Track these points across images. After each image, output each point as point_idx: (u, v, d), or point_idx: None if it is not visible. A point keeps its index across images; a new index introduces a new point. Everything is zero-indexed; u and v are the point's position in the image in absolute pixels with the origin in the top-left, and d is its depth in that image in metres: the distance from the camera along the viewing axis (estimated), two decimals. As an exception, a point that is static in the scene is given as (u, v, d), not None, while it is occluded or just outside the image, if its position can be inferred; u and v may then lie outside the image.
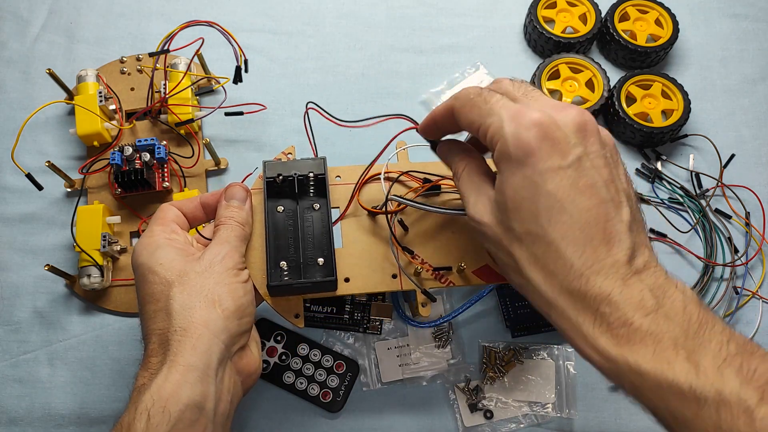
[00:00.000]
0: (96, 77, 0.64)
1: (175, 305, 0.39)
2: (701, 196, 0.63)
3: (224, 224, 0.45)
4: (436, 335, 0.57)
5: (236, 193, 0.47)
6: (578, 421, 0.55)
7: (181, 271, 0.41)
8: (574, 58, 0.66)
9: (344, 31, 0.72)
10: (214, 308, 0.40)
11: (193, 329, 0.38)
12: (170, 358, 0.37)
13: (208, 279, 0.41)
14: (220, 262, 0.42)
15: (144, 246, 0.43)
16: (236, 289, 0.42)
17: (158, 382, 0.36)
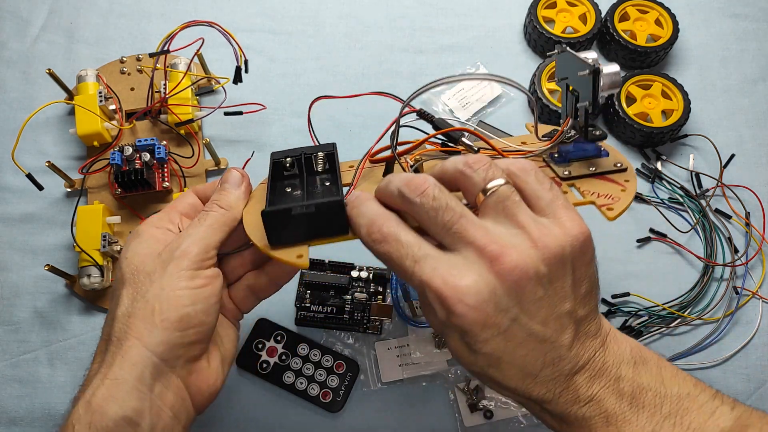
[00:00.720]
0: (96, 77, 0.64)
1: (119, 310, 0.37)
2: (701, 196, 0.63)
3: (204, 209, 0.42)
4: (436, 335, 0.57)
5: (229, 177, 0.43)
6: (578, 421, 0.55)
7: (138, 271, 0.38)
8: (574, 58, 0.66)
9: (344, 31, 0.72)
10: (151, 317, 0.36)
11: (126, 340, 0.36)
12: (102, 369, 0.36)
13: (155, 281, 0.38)
14: (175, 260, 0.38)
15: (131, 235, 0.42)
16: (182, 297, 0.37)
17: (86, 395, 0.35)
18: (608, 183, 0.42)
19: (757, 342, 0.58)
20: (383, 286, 0.58)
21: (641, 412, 0.34)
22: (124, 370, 0.35)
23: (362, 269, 0.58)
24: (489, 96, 0.67)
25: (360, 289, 0.58)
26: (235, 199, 0.42)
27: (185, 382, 0.38)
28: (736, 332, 0.58)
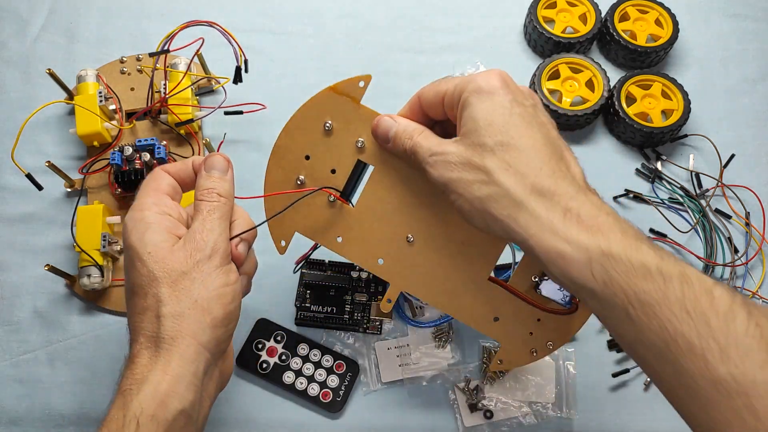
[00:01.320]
0: (96, 77, 0.64)
1: (164, 310, 0.39)
2: (701, 196, 0.63)
3: (205, 200, 0.43)
4: (436, 335, 0.57)
5: (216, 163, 0.45)
6: (578, 421, 0.55)
7: (170, 269, 0.39)
8: (574, 58, 0.66)
9: (344, 31, 0.72)
10: (203, 317, 0.39)
11: (182, 339, 0.38)
12: (159, 365, 0.38)
13: (195, 281, 0.40)
14: (207, 261, 0.40)
15: (134, 222, 0.41)
16: (225, 294, 0.40)
17: (147, 391, 0.37)
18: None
19: (757, 342, 0.58)
20: (383, 286, 0.58)
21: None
22: (183, 367, 0.38)
23: (362, 269, 0.58)
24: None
25: (360, 289, 0.58)
26: (228, 186, 0.44)
27: (219, 370, 0.42)
28: (736, 332, 0.58)
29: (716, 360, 0.31)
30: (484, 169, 0.38)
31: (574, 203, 0.36)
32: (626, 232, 0.35)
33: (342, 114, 0.48)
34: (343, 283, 0.58)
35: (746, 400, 0.30)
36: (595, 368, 0.56)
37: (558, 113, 0.63)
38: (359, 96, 0.47)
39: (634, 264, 0.33)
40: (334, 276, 0.58)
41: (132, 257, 0.41)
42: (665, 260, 0.33)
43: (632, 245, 0.34)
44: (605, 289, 0.34)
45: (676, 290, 0.32)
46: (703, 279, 0.32)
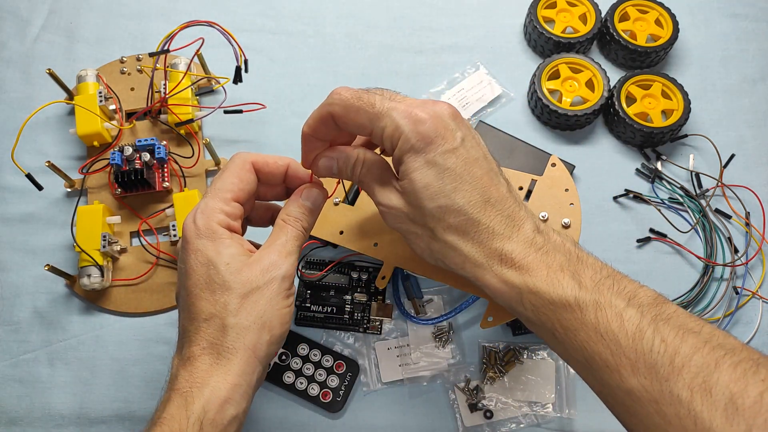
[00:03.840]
0: (96, 77, 0.64)
1: (231, 321, 0.40)
2: (701, 196, 0.63)
3: (291, 226, 0.44)
4: (436, 335, 0.57)
5: (314, 197, 0.45)
6: (578, 421, 0.55)
7: (244, 281, 0.41)
8: (574, 58, 0.66)
9: (344, 31, 0.72)
10: (264, 333, 0.41)
11: (243, 350, 0.40)
12: (221, 372, 0.40)
13: (263, 297, 0.41)
14: (279, 281, 0.42)
15: (208, 231, 0.42)
16: (285, 315, 0.42)
17: (208, 395, 0.39)
18: None
19: (757, 342, 0.58)
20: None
21: (587, 269, 0.40)
22: (241, 377, 0.40)
23: (362, 269, 0.58)
24: (489, 96, 0.67)
25: (360, 289, 0.58)
26: (312, 223, 0.46)
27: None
28: (736, 332, 0.58)
29: (628, 374, 0.35)
30: (428, 228, 0.41)
31: (509, 246, 0.40)
32: (551, 266, 0.39)
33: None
34: (343, 283, 0.58)
35: (656, 406, 0.34)
36: (595, 368, 0.56)
37: (558, 113, 0.63)
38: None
39: (555, 298, 0.38)
40: (334, 276, 0.58)
41: (204, 264, 0.41)
42: (582, 291, 0.38)
43: (554, 281, 0.39)
44: (535, 317, 0.39)
45: (591, 317, 0.37)
46: (614, 304, 0.37)
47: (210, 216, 0.42)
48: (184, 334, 0.42)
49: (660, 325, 0.36)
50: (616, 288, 0.38)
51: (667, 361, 0.34)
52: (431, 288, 0.58)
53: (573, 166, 0.62)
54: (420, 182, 0.40)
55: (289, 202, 0.45)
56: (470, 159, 0.40)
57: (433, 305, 0.58)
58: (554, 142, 0.66)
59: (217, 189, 0.43)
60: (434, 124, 0.40)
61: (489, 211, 0.40)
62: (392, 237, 0.54)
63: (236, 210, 0.44)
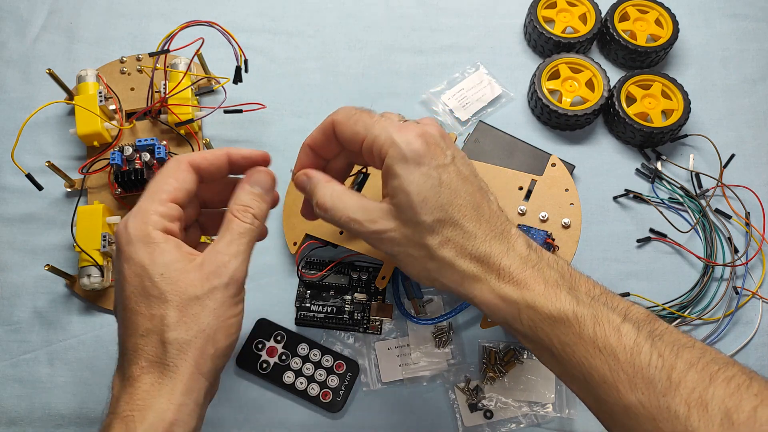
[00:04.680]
0: (96, 77, 0.64)
1: (170, 335, 0.37)
2: (701, 196, 0.63)
3: (239, 218, 0.41)
4: (436, 335, 0.57)
5: (262, 180, 0.43)
6: (578, 421, 0.55)
7: (181, 291, 0.38)
8: (574, 58, 0.66)
9: (344, 31, 0.72)
10: (208, 347, 0.38)
11: (186, 368, 0.37)
12: (164, 393, 0.37)
13: (206, 309, 0.38)
14: (223, 288, 0.39)
15: (140, 237, 0.39)
16: (231, 326, 0.40)
17: (151, 420, 0.36)
18: None
19: (757, 342, 0.58)
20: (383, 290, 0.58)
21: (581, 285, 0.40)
22: (186, 396, 0.38)
23: (362, 269, 0.58)
24: (489, 96, 0.67)
25: (360, 289, 0.58)
26: (266, 210, 0.43)
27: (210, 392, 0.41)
28: (736, 332, 0.58)
29: (626, 389, 0.35)
30: (425, 246, 0.40)
31: (506, 261, 0.40)
32: (548, 281, 0.39)
33: None
34: (343, 283, 0.58)
35: (654, 424, 0.34)
36: (595, 368, 0.56)
37: (558, 113, 0.63)
38: None
39: (553, 313, 0.38)
40: (334, 276, 0.58)
41: (139, 274, 0.38)
42: (579, 305, 0.38)
43: (552, 295, 0.38)
44: (533, 333, 0.39)
45: (589, 331, 0.37)
46: (612, 318, 0.37)
47: (143, 219, 0.39)
48: (123, 352, 0.39)
49: (656, 340, 0.36)
50: (610, 304, 0.38)
51: (665, 376, 0.34)
52: (431, 288, 0.58)
53: (573, 166, 0.62)
54: (416, 194, 0.39)
55: (237, 189, 0.43)
56: (462, 175, 0.41)
57: (433, 305, 0.58)
58: (554, 142, 0.66)
59: (151, 192, 0.40)
60: (426, 140, 0.40)
61: (483, 227, 0.40)
62: None
63: (173, 211, 0.40)
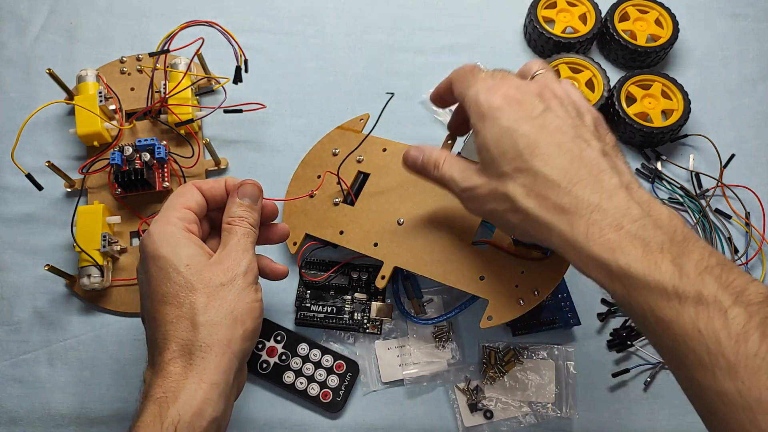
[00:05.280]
0: (96, 77, 0.64)
1: (201, 318, 0.40)
2: (701, 196, 0.63)
3: (238, 225, 0.45)
4: (436, 335, 0.57)
5: (249, 192, 0.46)
6: (578, 421, 0.55)
7: (207, 279, 0.41)
8: (574, 58, 0.66)
9: (344, 31, 0.72)
10: (236, 328, 0.41)
11: (217, 347, 0.39)
12: (195, 373, 0.39)
13: (231, 293, 0.41)
14: (243, 275, 0.42)
15: (163, 236, 0.42)
16: (255, 309, 0.43)
17: (184, 399, 0.38)
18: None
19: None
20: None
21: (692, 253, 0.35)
22: (217, 375, 0.39)
23: (362, 269, 0.58)
24: (489, 96, 0.67)
25: (360, 289, 0.58)
26: (257, 217, 0.47)
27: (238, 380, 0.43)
28: (736, 332, 0.58)
29: (724, 375, 0.32)
30: (508, 197, 0.40)
31: (597, 215, 0.36)
32: (648, 244, 0.35)
33: (346, 142, 0.61)
34: (343, 283, 0.58)
35: (751, 415, 0.31)
36: (595, 368, 0.56)
37: (558, 113, 0.63)
38: (360, 128, 0.62)
39: (651, 284, 0.34)
40: (334, 276, 0.58)
41: (164, 267, 0.41)
42: (683, 279, 0.34)
43: (651, 262, 0.34)
44: (625, 300, 0.36)
45: (690, 311, 0.33)
46: (720, 299, 0.33)
47: (164, 221, 0.43)
48: (153, 345, 0.41)
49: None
50: (723, 280, 0.34)
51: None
52: (431, 288, 0.58)
53: (573, 166, 0.62)
54: (495, 147, 0.40)
55: (228, 204, 0.47)
56: (550, 128, 0.40)
57: (433, 305, 0.58)
58: (554, 142, 0.66)
59: (167, 207, 0.45)
60: (508, 98, 0.41)
61: (571, 175, 0.38)
62: (392, 237, 0.54)
63: (189, 215, 0.45)
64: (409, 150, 0.49)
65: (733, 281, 0.34)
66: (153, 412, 0.37)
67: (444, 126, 0.66)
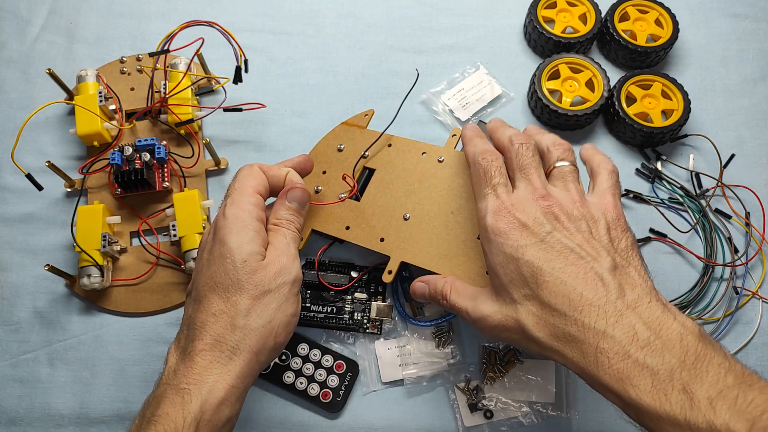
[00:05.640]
0: (96, 77, 0.64)
1: (241, 321, 0.41)
2: (701, 196, 0.63)
3: (286, 229, 0.46)
4: (436, 335, 0.57)
5: (298, 196, 0.48)
6: (578, 421, 0.55)
7: (257, 283, 0.42)
8: (574, 58, 0.66)
9: (344, 31, 0.72)
10: (270, 339, 0.42)
11: (247, 354, 0.40)
12: (220, 372, 0.40)
13: (274, 301, 0.42)
14: (290, 285, 0.43)
15: (236, 222, 0.43)
16: (291, 324, 0.43)
17: (205, 394, 0.39)
18: None
19: (757, 342, 0.58)
20: (383, 286, 0.58)
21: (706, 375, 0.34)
22: (239, 380, 0.40)
23: (363, 269, 0.58)
24: (489, 96, 0.67)
25: (360, 289, 0.58)
26: (303, 223, 0.49)
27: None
28: (736, 332, 0.58)
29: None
30: (520, 325, 0.40)
31: (604, 344, 0.36)
32: (658, 373, 0.34)
33: (351, 137, 0.61)
34: (343, 283, 0.58)
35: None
36: (595, 368, 0.56)
37: (558, 113, 0.63)
38: (365, 124, 0.62)
39: (661, 416, 0.33)
40: (334, 276, 0.58)
41: (224, 255, 0.42)
42: (694, 410, 0.32)
43: (661, 393, 0.33)
44: (640, 424, 0.35)
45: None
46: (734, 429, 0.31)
47: (240, 207, 0.44)
48: (190, 325, 0.42)
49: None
50: (740, 404, 0.32)
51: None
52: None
53: (573, 166, 0.62)
54: (503, 274, 0.41)
55: (276, 205, 0.47)
56: (555, 250, 0.40)
57: (433, 305, 0.58)
58: (554, 142, 0.66)
59: (238, 189, 0.45)
60: (514, 222, 0.41)
61: (575, 303, 0.37)
62: (399, 232, 0.55)
63: (260, 202, 0.46)
64: (414, 283, 0.51)
65: (751, 402, 0.32)
66: (175, 402, 0.38)
67: (444, 126, 0.66)
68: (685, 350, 0.34)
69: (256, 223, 0.44)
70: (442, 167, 0.56)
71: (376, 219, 0.56)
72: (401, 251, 0.54)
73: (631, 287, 0.38)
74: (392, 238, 0.54)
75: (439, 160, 0.57)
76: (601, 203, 0.44)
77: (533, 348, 0.41)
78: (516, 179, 0.45)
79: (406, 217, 0.55)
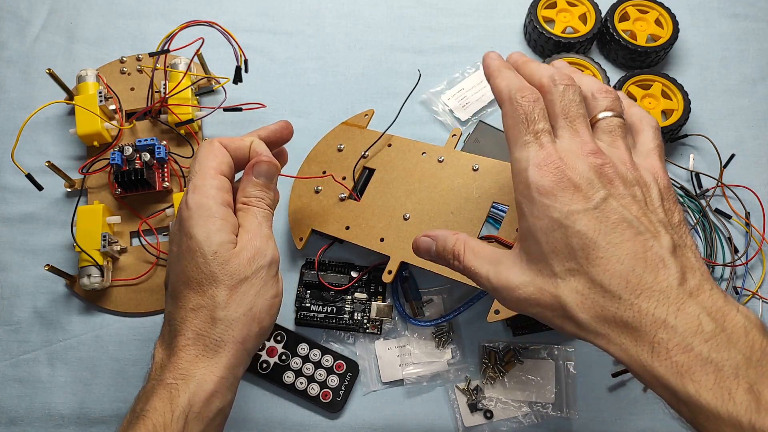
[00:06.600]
0: (96, 77, 0.64)
1: (220, 313, 0.40)
2: (701, 196, 0.63)
3: (256, 207, 0.43)
4: (436, 335, 0.57)
5: (265, 171, 0.44)
6: (578, 421, 0.55)
7: (232, 272, 0.40)
8: (574, 58, 0.66)
9: (344, 31, 0.72)
10: (254, 326, 0.41)
11: (232, 344, 0.40)
12: (206, 365, 0.39)
13: (253, 288, 0.41)
14: (266, 268, 0.41)
15: (201, 211, 0.41)
16: (274, 306, 0.42)
17: (193, 388, 0.38)
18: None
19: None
20: (383, 286, 0.58)
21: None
22: (228, 370, 0.39)
23: (363, 269, 0.58)
24: (489, 96, 0.67)
25: (360, 289, 0.58)
26: (274, 197, 0.46)
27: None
28: (736, 332, 0.58)
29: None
30: (560, 303, 0.34)
31: (663, 334, 0.31)
32: (722, 369, 0.30)
33: (351, 137, 0.61)
34: (343, 283, 0.58)
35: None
36: (595, 368, 0.56)
37: (558, 113, 0.63)
38: (365, 124, 0.62)
39: (723, 416, 0.29)
40: (334, 276, 0.58)
41: (193, 249, 0.40)
42: (761, 412, 0.29)
43: (725, 391, 0.30)
44: (692, 422, 0.32)
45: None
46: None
47: (202, 193, 0.41)
48: (171, 322, 0.41)
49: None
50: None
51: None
52: (432, 288, 0.58)
53: (573, 166, 0.62)
54: (546, 243, 0.35)
55: (243, 182, 0.44)
56: (611, 221, 0.34)
57: (434, 305, 0.58)
58: (554, 142, 0.66)
59: (199, 170, 0.42)
60: (563, 180, 0.35)
61: (632, 284, 0.32)
62: (399, 232, 0.55)
63: (225, 183, 0.43)
64: (418, 238, 0.43)
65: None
66: (163, 396, 0.38)
67: (444, 126, 0.66)
68: (750, 345, 0.31)
69: (222, 209, 0.41)
70: (442, 167, 0.56)
71: (376, 219, 0.56)
72: (401, 251, 0.54)
73: (692, 272, 0.33)
74: (392, 238, 0.54)
75: (439, 160, 0.57)
76: (651, 166, 0.38)
77: (569, 328, 0.35)
78: (558, 128, 0.37)
79: (406, 217, 0.55)
